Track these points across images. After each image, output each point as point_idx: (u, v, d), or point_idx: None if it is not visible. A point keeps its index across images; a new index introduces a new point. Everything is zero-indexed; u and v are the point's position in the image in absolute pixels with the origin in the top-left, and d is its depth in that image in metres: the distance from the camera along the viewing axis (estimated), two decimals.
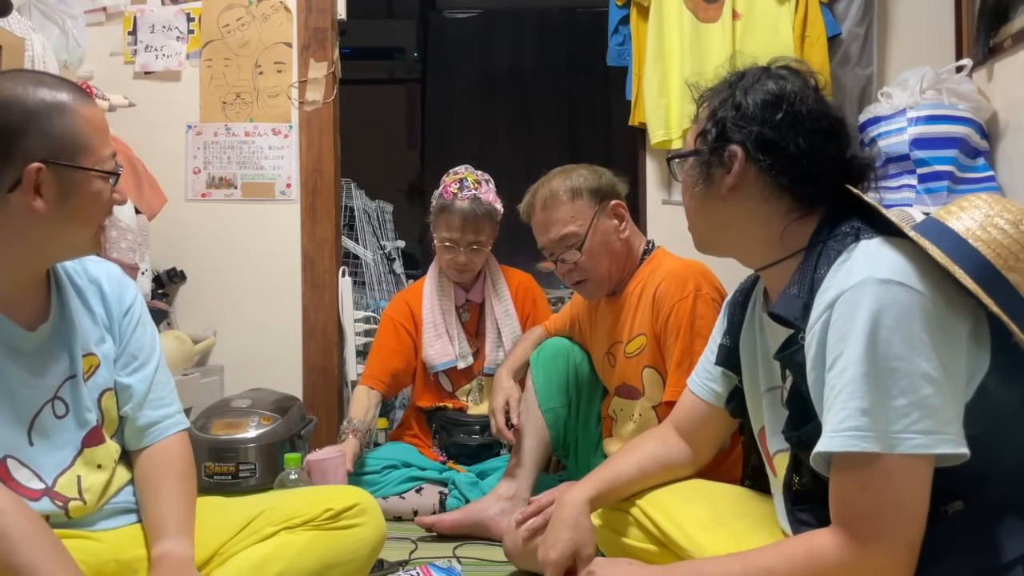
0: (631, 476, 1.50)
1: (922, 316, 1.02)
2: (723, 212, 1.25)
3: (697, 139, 1.27)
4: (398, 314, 2.60)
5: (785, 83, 1.21)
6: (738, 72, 1.26)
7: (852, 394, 1.02)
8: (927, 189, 2.47)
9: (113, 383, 1.39)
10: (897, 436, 1.00)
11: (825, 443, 1.05)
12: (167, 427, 1.43)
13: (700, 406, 1.49)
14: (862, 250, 1.09)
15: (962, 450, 1.00)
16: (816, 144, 1.18)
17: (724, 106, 1.23)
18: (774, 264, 1.23)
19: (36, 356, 1.28)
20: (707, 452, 1.52)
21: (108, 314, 1.41)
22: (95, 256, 1.43)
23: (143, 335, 1.44)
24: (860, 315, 1.03)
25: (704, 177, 1.24)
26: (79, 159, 1.22)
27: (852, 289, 1.05)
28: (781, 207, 1.21)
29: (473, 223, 2.45)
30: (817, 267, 1.14)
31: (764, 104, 1.20)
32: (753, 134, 1.19)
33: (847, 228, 1.15)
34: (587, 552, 1.43)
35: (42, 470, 1.26)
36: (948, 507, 1.04)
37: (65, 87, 1.25)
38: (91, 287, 1.40)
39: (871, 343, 1.01)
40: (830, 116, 1.21)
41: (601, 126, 5.84)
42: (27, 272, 1.28)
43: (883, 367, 1.01)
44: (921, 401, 1.00)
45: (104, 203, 1.27)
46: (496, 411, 2.16)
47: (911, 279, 1.04)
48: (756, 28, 2.81)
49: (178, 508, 1.34)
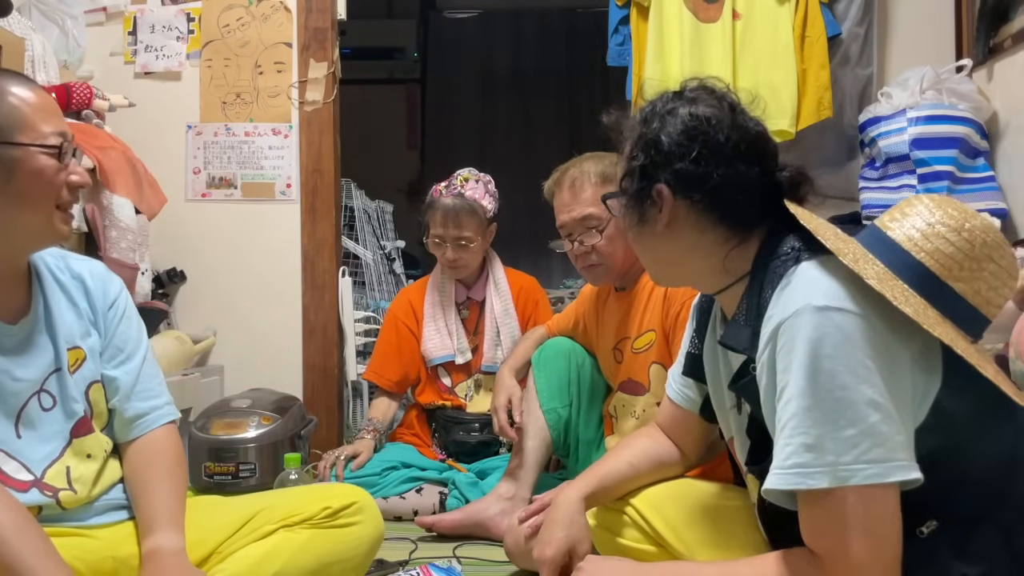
0: (623, 473, 1.50)
1: (863, 341, 0.99)
2: (664, 248, 1.23)
3: (623, 180, 1.25)
4: (401, 311, 2.64)
5: (698, 108, 1.18)
6: (650, 103, 1.24)
7: (795, 429, 1.00)
8: (927, 189, 2.47)
9: (100, 376, 1.40)
10: (848, 468, 0.97)
11: (771, 481, 1.03)
12: (155, 419, 1.43)
13: (677, 411, 1.50)
14: (800, 274, 1.07)
15: (914, 475, 0.98)
16: (738, 170, 1.16)
17: (641, 143, 1.21)
18: (724, 290, 1.22)
19: (19, 350, 1.30)
20: (694, 451, 1.53)
21: (92, 308, 1.41)
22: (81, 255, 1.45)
23: (128, 328, 1.45)
24: (799, 345, 1.00)
25: (639, 217, 1.22)
26: (15, 137, 1.22)
27: (791, 318, 1.02)
28: (718, 237, 1.19)
29: (454, 218, 2.48)
30: (762, 292, 1.12)
31: (680, 136, 1.17)
32: (675, 171, 1.17)
33: (787, 248, 1.12)
34: (583, 549, 1.43)
35: (30, 462, 1.28)
36: (923, 527, 1.03)
37: (4, 75, 1.26)
38: (74, 283, 1.41)
39: (813, 374, 0.99)
40: (749, 136, 1.18)
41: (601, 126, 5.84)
42: (1, 265, 1.29)
43: (827, 398, 0.98)
44: (869, 429, 0.97)
45: (51, 181, 1.25)
46: (499, 409, 2.16)
47: (849, 303, 1.01)
48: (756, 28, 2.81)
49: (167, 501, 1.35)
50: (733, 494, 1.45)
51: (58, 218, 1.29)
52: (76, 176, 1.29)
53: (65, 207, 1.30)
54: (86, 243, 2.34)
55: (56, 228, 1.29)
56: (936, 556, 1.03)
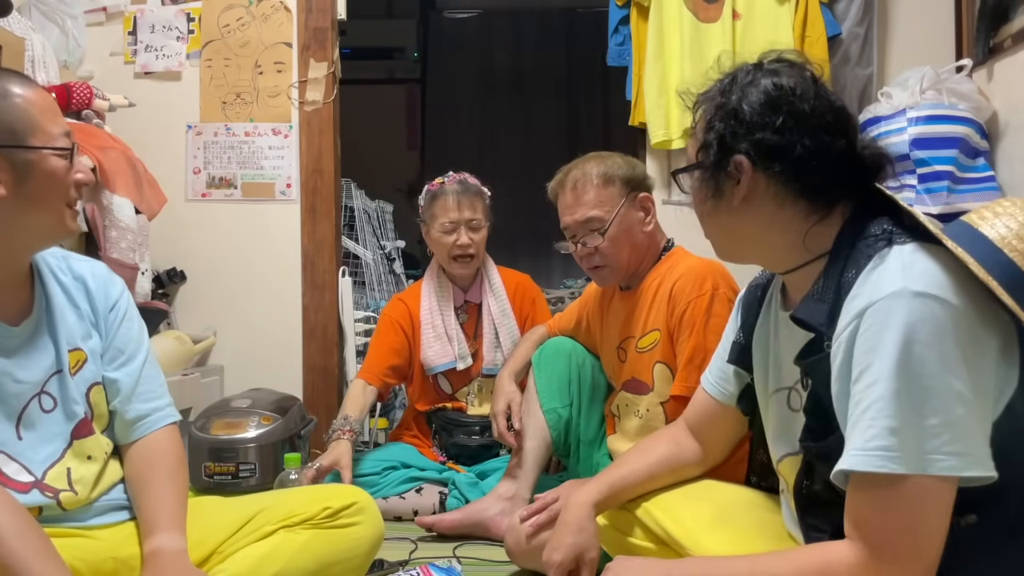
0: (640, 480, 1.48)
1: (956, 332, 0.98)
2: (739, 223, 1.19)
3: (699, 152, 1.21)
4: (396, 313, 2.58)
5: (781, 79, 1.15)
6: (729, 73, 1.20)
7: (881, 412, 0.98)
8: (927, 189, 2.47)
9: (101, 378, 1.40)
10: (928, 457, 0.96)
11: (850, 461, 1.01)
12: (156, 420, 1.43)
13: (712, 405, 1.47)
14: (895, 257, 1.04)
15: (990, 472, 0.97)
16: (823, 142, 1.12)
17: (720, 114, 1.17)
18: (799, 268, 1.19)
19: (21, 351, 1.30)
20: (719, 451, 1.51)
21: (94, 310, 1.42)
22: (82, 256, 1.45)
23: (129, 330, 1.45)
24: (892, 328, 0.98)
25: (713, 191, 1.19)
26: (29, 140, 1.23)
27: (885, 299, 1.00)
28: (798, 212, 1.15)
29: (468, 199, 2.49)
30: (844, 271, 1.09)
31: (762, 107, 1.13)
32: (756, 142, 1.13)
33: (877, 230, 1.09)
34: (590, 556, 1.42)
35: (31, 463, 1.28)
36: (962, 519, 1.01)
37: (4, 75, 1.26)
38: (76, 284, 1.41)
39: (904, 358, 0.97)
40: (834, 108, 1.15)
41: (601, 126, 5.85)
42: (5, 266, 1.29)
43: (916, 385, 0.97)
44: (953, 422, 0.96)
45: (63, 181, 1.27)
46: (498, 415, 2.16)
47: (947, 292, 0.99)
48: (756, 28, 2.81)
49: (169, 502, 1.35)
50: (748, 495, 1.45)
51: (68, 215, 1.30)
52: (82, 174, 1.30)
53: (73, 204, 1.31)
54: (86, 243, 2.34)
55: (67, 225, 1.30)
56: (969, 550, 1.02)
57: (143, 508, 1.35)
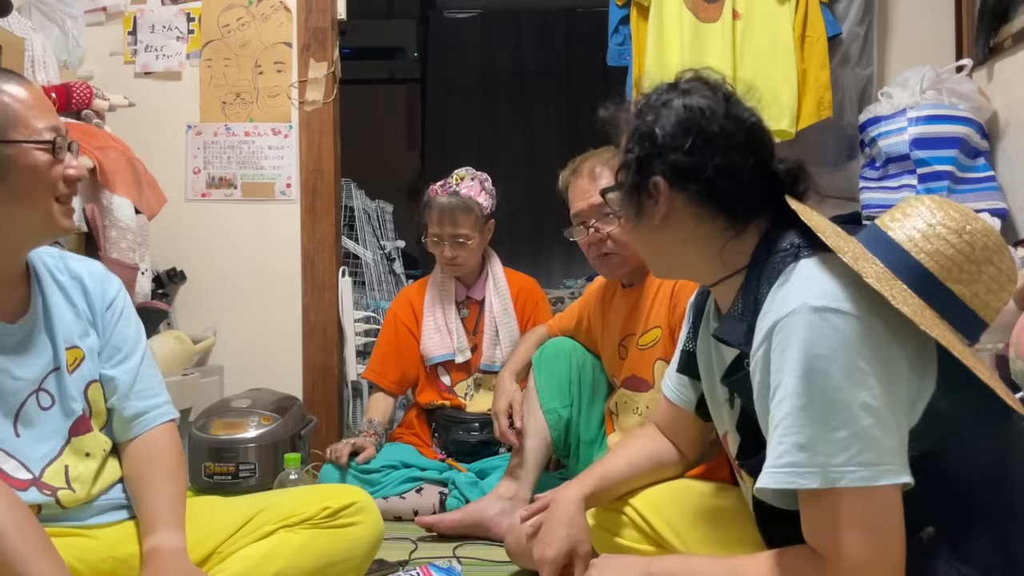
0: (623, 473, 1.50)
1: (859, 343, 0.98)
2: (661, 240, 1.23)
3: (619, 172, 1.25)
4: (400, 311, 2.65)
5: (692, 99, 1.18)
6: (645, 95, 1.23)
7: (789, 428, 1.00)
8: (927, 189, 2.47)
9: (99, 375, 1.40)
10: (839, 469, 0.97)
11: (763, 479, 1.03)
12: (154, 418, 1.43)
13: (673, 409, 1.49)
14: (799, 272, 1.06)
15: (904, 479, 0.98)
16: (733, 161, 1.15)
17: (636, 136, 1.20)
18: (721, 282, 1.22)
19: (18, 349, 1.30)
20: (692, 451, 1.52)
21: (91, 308, 1.42)
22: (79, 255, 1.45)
23: (126, 328, 1.45)
24: (794, 345, 1.00)
25: (636, 210, 1.22)
26: (9, 135, 1.22)
27: (787, 317, 1.01)
28: (715, 228, 1.18)
29: (451, 216, 2.49)
30: (759, 287, 1.11)
31: (674, 129, 1.17)
32: (670, 163, 1.17)
33: (787, 244, 1.11)
34: (583, 549, 1.43)
35: (29, 461, 1.28)
36: (922, 533, 1.02)
37: None
38: (73, 283, 1.41)
39: (807, 374, 0.98)
40: (744, 127, 1.18)
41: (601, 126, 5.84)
42: (1, 264, 1.29)
43: (820, 399, 0.98)
44: (861, 433, 0.97)
45: (48, 176, 1.25)
46: (499, 414, 2.16)
47: (847, 304, 1.00)
48: (756, 28, 2.81)
49: (167, 501, 1.35)
50: (732, 494, 1.45)
51: (58, 211, 1.29)
52: (72, 169, 1.29)
53: (64, 200, 1.30)
54: (86, 243, 2.34)
55: (57, 221, 1.29)
56: (935, 559, 1.02)
57: (142, 506, 1.35)
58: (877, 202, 2.60)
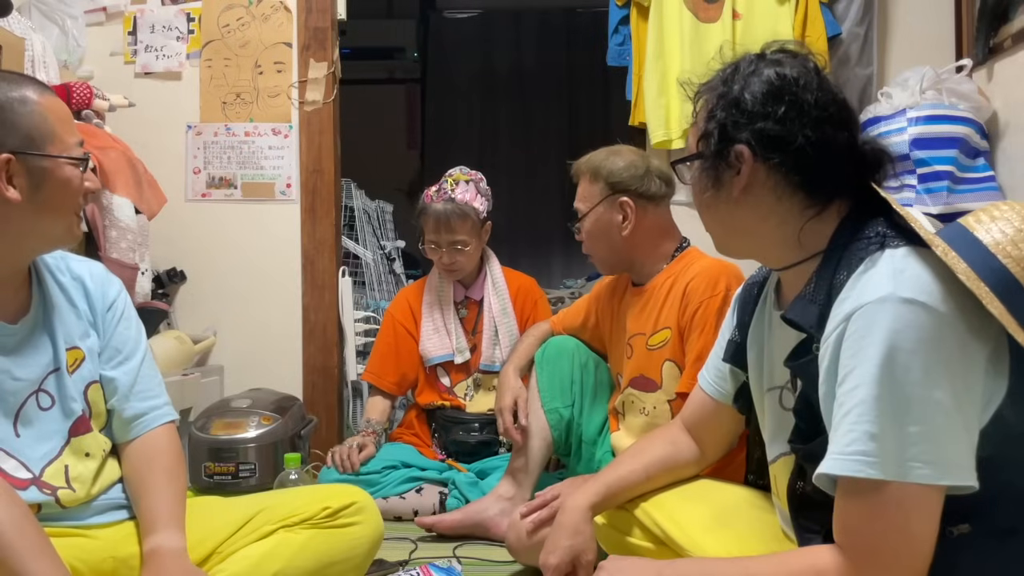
0: (637, 481, 1.48)
1: (943, 341, 0.97)
2: (737, 215, 1.18)
3: (699, 142, 1.19)
4: (399, 312, 2.64)
5: (784, 69, 1.14)
6: (731, 63, 1.19)
7: (862, 416, 0.98)
8: (927, 189, 2.47)
9: (99, 376, 1.41)
10: (906, 464, 0.96)
11: (829, 465, 1.01)
12: (154, 418, 1.44)
13: (709, 403, 1.47)
14: (886, 261, 1.03)
15: (971, 482, 0.97)
16: (825, 134, 1.11)
17: (722, 103, 1.16)
18: (794, 265, 1.18)
19: (19, 349, 1.31)
20: (716, 450, 1.51)
21: (92, 309, 1.43)
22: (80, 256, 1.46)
23: (127, 329, 1.46)
24: (877, 333, 0.97)
25: (713, 181, 1.17)
26: (47, 148, 1.25)
27: (872, 304, 0.99)
28: (795, 205, 1.14)
29: (446, 223, 2.48)
30: (836, 272, 1.08)
31: (764, 96, 1.12)
32: (757, 131, 1.12)
33: (871, 232, 1.08)
34: (587, 559, 1.43)
35: (29, 460, 1.28)
36: (954, 528, 1.01)
37: (25, 81, 1.28)
38: (74, 284, 1.42)
39: (887, 365, 0.96)
40: (837, 101, 1.14)
41: (601, 126, 5.83)
42: (8, 267, 1.30)
43: (898, 392, 0.96)
44: (933, 431, 0.96)
45: (75, 190, 1.29)
46: (504, 411, 2.15)
47: (936, 300, 0.98)
48: (756, 28, 2.81)
49: (167, 501, 1.35)
50: (745, 495, 1.45)
51: (75, 223, 1.32)
52: (90, 183, 1.33)
53: (79, 212, 1.33)
54: (86, 243, 2.34)
55: (75, 232, 1.33)
56: (961, 560, 1.01)
57: (142, 507, 1.35)
58: None
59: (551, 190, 5.75)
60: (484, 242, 2.60)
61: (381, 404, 2.59)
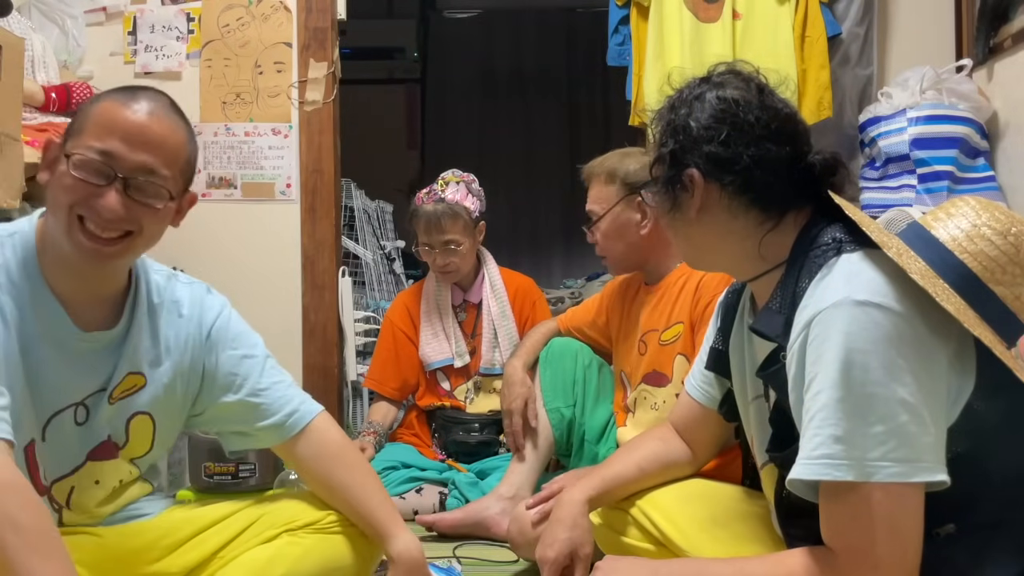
0: (631, 476, 1.49)
1: (901, 339, 0.98)
2: (698, 233, 1.23)
3: (653, 167, 1.26)
4: (397, 317, 2.64)
5: (725, 92, 1.18)
6: (678, 90, 1.25)
7: (825, 420, 0.99)
8: (927, 189, 2.48)
9: (151, 408, 1.35)
10: (874, 464, 0.97)
11: (797, 470, 1.02)
12: (306, 412, 1.43)
13: (696, 408, 1.49)
14: (841, 266, 1.06)
15: (940, 477, 0.97)
16: (769, 151, 1.15)
17: (670, 129, 1.21)
18: (761, 276, 1.21)
19: (79, 358, 1.26)
20: (706, 452, 1.52)
21: (179, 337, 1.38)
22: (190, 277, 1.50)
23: (235, 350, 1.44)
24: (834, 337, 1.00)
25: (671, 204, 1.23)
26: (69, 140, 1.21)
27: (828, 309, 1.01)
28: (751, 220, 1.18)
29: (437, 224, 2.48)
30: (799, 281, 1.11)
31: (708, 120, 1.17)
32: (705, 154, 1.17)
33: (828, 239, 1.12)
34: (584, 552, 1.43)
35: (45, 468, 1.26)
36: (940, 529, 1.02)
37: (132, 89, 1.25)
38: (169, 308, 1.39)
39: (846, 367, 0.98)
40: (779, 117, 1.18)
41: (601, 126, 5.84)
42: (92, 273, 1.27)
43: (859, 392, 0.98)
44: (898, 428, 0.97)
45: (67, 189, 1.18)
46: (514, 413, 2.12)
47: (890, 300, 1.00)
48: (756, 28, 2.81)
49: (382, 502, 1.40)
50: (742, 496, 1.45)
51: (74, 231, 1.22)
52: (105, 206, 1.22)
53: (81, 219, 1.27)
54: None
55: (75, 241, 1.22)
56: (950, 559, 1.02)
57: (360, 511, 1.39)
58: (877, 202, 2.60)
59: (551, 190, 5.75)
60: (478, 242, 2.60)
61: (385, 408, 2.60)
